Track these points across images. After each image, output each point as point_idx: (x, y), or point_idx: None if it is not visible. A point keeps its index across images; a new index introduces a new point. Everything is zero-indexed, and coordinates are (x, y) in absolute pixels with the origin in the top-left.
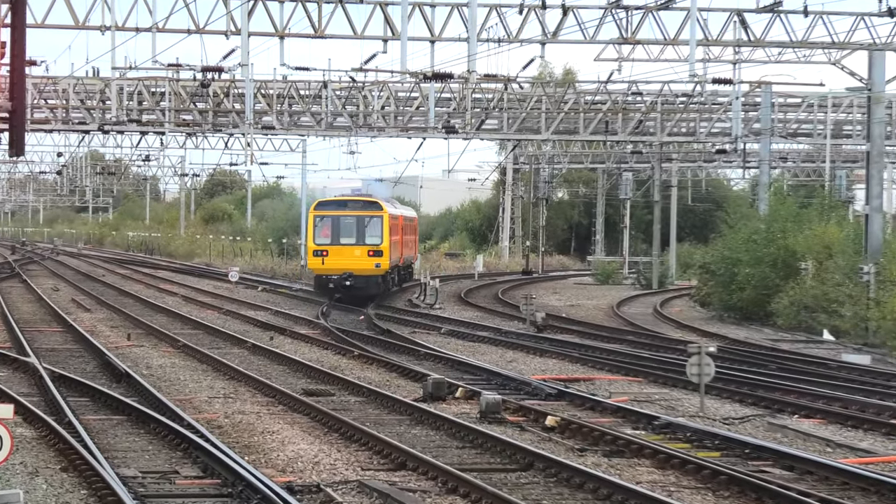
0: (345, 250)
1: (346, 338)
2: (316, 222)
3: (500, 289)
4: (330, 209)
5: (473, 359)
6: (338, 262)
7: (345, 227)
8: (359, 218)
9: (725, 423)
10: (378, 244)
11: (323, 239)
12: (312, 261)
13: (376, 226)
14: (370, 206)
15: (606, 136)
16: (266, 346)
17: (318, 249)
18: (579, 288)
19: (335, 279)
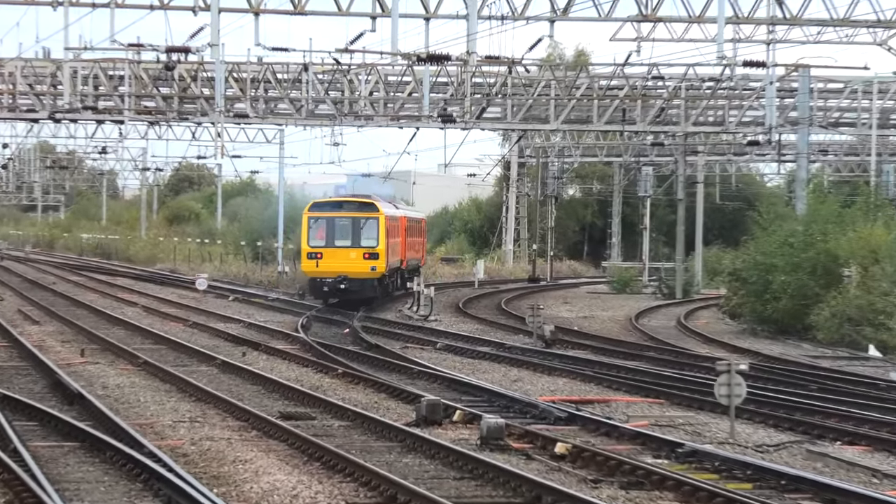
0: (339, 252)
1: (329, 354)
2: (310, 224)
3: (503, 298)
4: (324, 210)
5: (473, 378)
6: (332, 265)
7: (340, 229)
8: (354, 219)
9: (758, 451)
10: (374, 246)
11: (317, 241)
12: (306, 263)
13: (372, 227)
14: (366, 207)
15: (623, 125)
16: (238, 363)
17: (313, 251)
18: (593, 297)
19: (329, 282)
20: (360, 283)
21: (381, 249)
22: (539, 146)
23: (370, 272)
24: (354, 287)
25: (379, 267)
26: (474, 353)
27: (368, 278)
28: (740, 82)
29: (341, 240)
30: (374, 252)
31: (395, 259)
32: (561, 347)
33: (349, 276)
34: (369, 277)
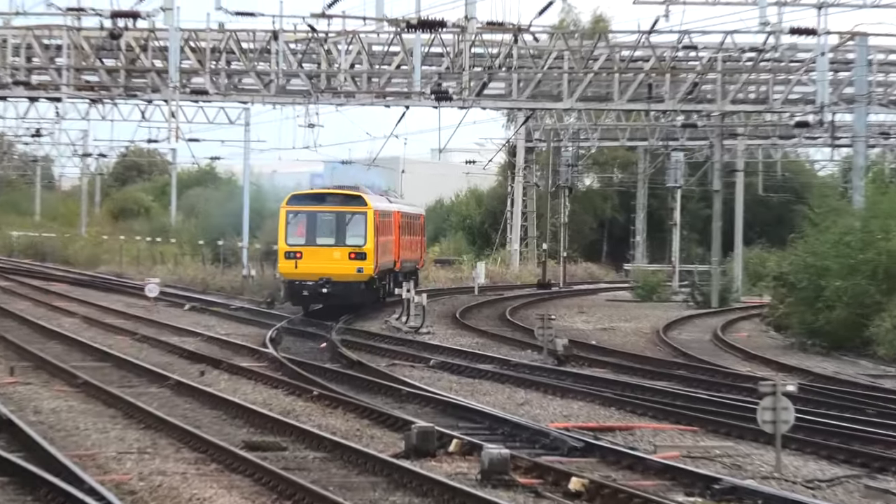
0: (321, 252)
1: (303, 372)
2: (288, 219)
3: (507, 307)
4: (305, 203)
5: (472, 400)
6: (313, 266)
7: (322, 225)
8: (338, 214)
9: (809, 487)
10: (361, 245)
11: (296, 239)
12: (284, 264)
13: (359, 223)
14: (352, 200)
15: (649, 104)
16: (195, 383)
17: (291, 251)
18: (613, 306)
19: (310, 286)
20: (344, 287)
21: (369, 248)
22: (550, 128)
23: (357, 274)
24: (339, 291)
25: (367, 269)
26: (474, 372)
27: (355, 281)
28: (787, 53)
29: (324, 237)
30: (361, 252)
31: (388, 260)
32: (576, 365)
33: (333, 278)
34: (356, 280)
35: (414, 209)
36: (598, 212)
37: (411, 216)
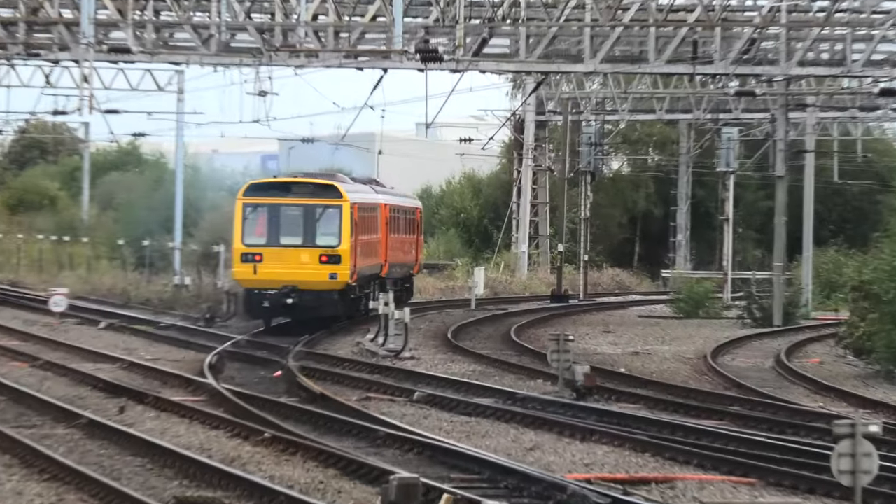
0: (286, 254)
1: (252, 409)
2: (245, 213)
3: (512, 324)
4: (266, 194)
5: (468, 444)
6: (276, 271)
7: (287, 221)
8: (307, 208)
9: None
10: (334, 246)
11: (255, 238)
12: (240, 268)
13: (332, 219)
14: (324, 190)
15: (694, 66)
16: (114, 423)
17: (249, 252)
18: (648, 324)
19: (272, 295)
20: (314, 296)
21: (344, 250)
22: (568, 97)
23: (329, 282)
24: (307, 302)
25: (342, 274)
26: (470, 408)
27: (327, 290)
28: (869, 2)
29: (289, 236)
30: (334, 254)
31: (371, 263)
32: (600, 399)
33: (299, 286)
34: (328, 289)
35: (407, 201)
36: (628, 204)
37: (403, 210)
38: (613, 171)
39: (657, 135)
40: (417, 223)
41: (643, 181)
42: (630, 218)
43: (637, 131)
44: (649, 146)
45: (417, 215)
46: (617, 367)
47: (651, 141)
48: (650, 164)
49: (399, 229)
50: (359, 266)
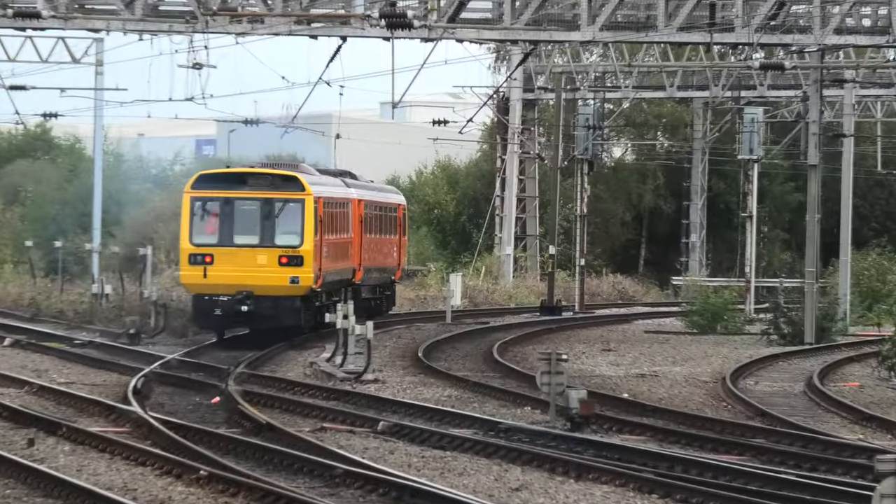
0: (241, 255)
1: (185, 441)
2: (194, 208)
3: (495, 341)
4: (217, 187)
5: (442, 484)
6: (229, 275)
7: (242, 218)
8: (265, 202)
9: None
10: (295, 246)
11: (205, 236)
12: (188, 272)
13: (293, 216)
14: (285, 182)
15: (711, 34)
16: (20, 458)
17: (198, 253)
18: (656, 341)
19: (224, 303)
20: (272, 304)
21: (307, 250)
22: (561, 71)
23: (290, 287)
24: (264, 310)
25: (304, 278)
26: (444, 441)
27: (287, 297)
28: None
29: (244, 235)
30: (295, 255)
31: (340, 267)
32: (599, 430)
33: (255, 292)
34: (288, 295)
35: (387, 197)
36: (633, 198)
37: (382, 207)
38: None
39: (667, 116)
40: (400, 221)
41: (650, 171)
42: (635, 215)
43: (643, 112)
44: (658, 129)
45: (400, 213)
46: (619, 392)
47: (660, 123)
48: (659, 150)
49: (376, 229)
50: (325, 270)
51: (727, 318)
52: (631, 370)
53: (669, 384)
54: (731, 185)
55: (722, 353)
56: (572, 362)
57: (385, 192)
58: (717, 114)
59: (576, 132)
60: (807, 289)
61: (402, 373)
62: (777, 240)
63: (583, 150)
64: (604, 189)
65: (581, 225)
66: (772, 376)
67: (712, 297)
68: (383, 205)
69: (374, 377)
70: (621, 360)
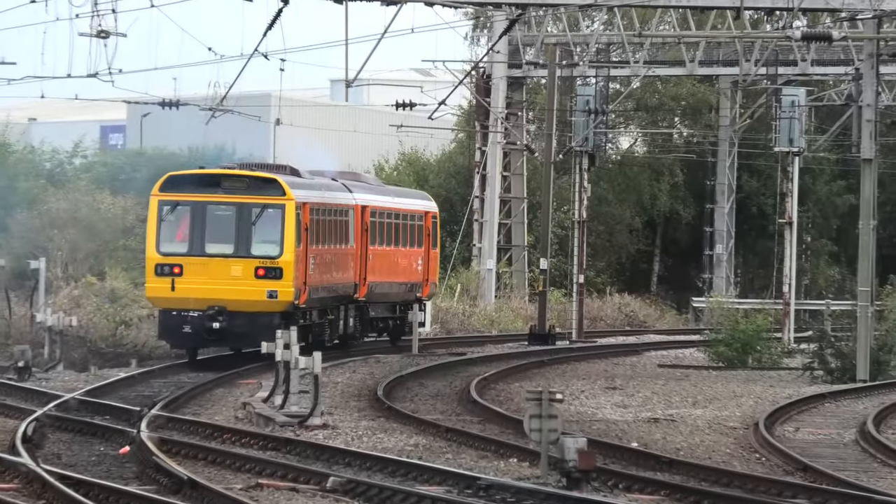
0: (213, 266)
1: (87, 501)
2: (162, 213)
3: (473, 376)
4: (189, 189)
5: None
6: (199, 288)
7: (215, 225)
8: (240, 207)
9: None
10: (274, 256)
11: (174, 245)
12: (154, 284)
13: (273, 222)
14: (263, 185)
15: None
16: None
17: (166, 263)
18: (673, 377)
19: (194, 318)
20: (248, 321)
21: (286, 261)
22: (556, 42)
23: (267, 302)
24: (239, 328)
25: (284, 293)
26: (409, 501)
27: (264, 313)
28: None
29: (217, 243)
30: (274, 266)
31: (334, 281)
32: (602, 487)
33: (229, 307)
34: (265, 311)
35: (408, 203)
36: (644, 200)
37: (401, 214)
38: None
39: (687, 98)
40: (427, 231)
41: (666, 167)
42: (646, 221)
43: (657, 93)
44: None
45: (428, 221)
46: (627, 441)
47: (678, 107)
48: (677, 141)
49: (391, 238)
50: (312, 284)
51: (761, 349)
52: (641, 413)
53: (689, 431)
54: (765, 184)
55: (754, 392)
56: (569, 403)
57: (406, 196)
58: (748, 96)
59: (573, 118)
60: (859, 313)
61: (358, 416)
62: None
63: (582, 141)
64: (608, 189)
65: (580, 233)
66: (816, 421)
67: (742, 323)
68: (402, 212)
69: (322, 421)
70: (629, 401)
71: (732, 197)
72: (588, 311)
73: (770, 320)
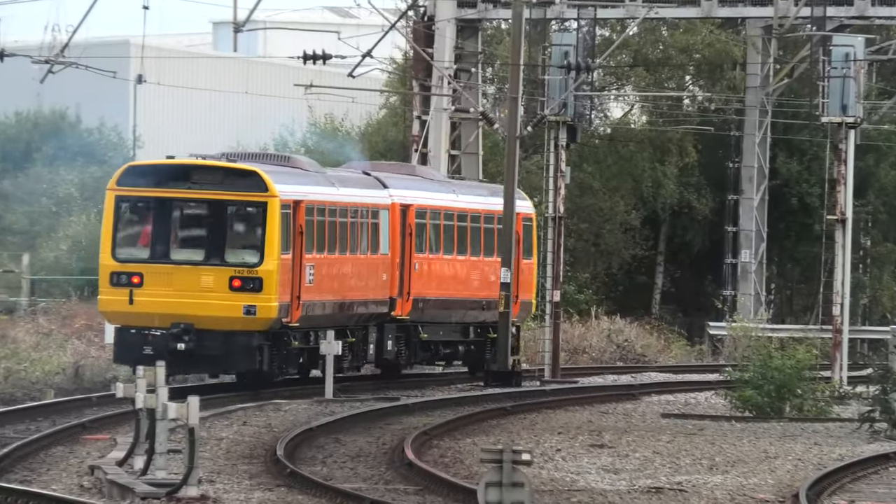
0: (179, 275)
1: None
2: (120, 211)
3: (409, 428)
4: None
5: None
6: (163, 301)
7: (182, 226)
8: (212, 205)
9: None
10: (253, 264)
11: (133, 250)
12: (109, 296)
13: (251, 224)
14: (240, 179)
15: None
16: None
17: (123, 272)
18: (683, 430)
19: (157, 338)
20: (220, 340)
21: (268, 270)
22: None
23: (244, 319)
24: (208, 349)
25: (264, 308)
26: None
27: (240, 332)
28: None
29: (184, 248)
30: (251, 276)
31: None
32: None
33: (197, 325)
34: (241, 330)
35: (489, 202)
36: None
37: (467, 217)
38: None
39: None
40: (518, 236)
41: (674, 143)
42: (647, 216)
43: (663, 43)
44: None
45: (518, 224)
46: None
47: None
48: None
49: (452, 245)
50: (312, 298)
51: (802, 394)
52: (639, 481)
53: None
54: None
55: (794, 451)
56: (539, 466)
57: (484, 193)
58: (786, 46)
59: (547, 77)
60: None
61: (250, 484)
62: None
63: (559, 108)
64: (594, 173)
65: (556, 233)
66: (878, 493)
67: (777, 358)
68: (473, 213)
69: (200, 492)
70: (623, 464)
71: (764, 185)
72: (566, 341)
73: (815, 354)
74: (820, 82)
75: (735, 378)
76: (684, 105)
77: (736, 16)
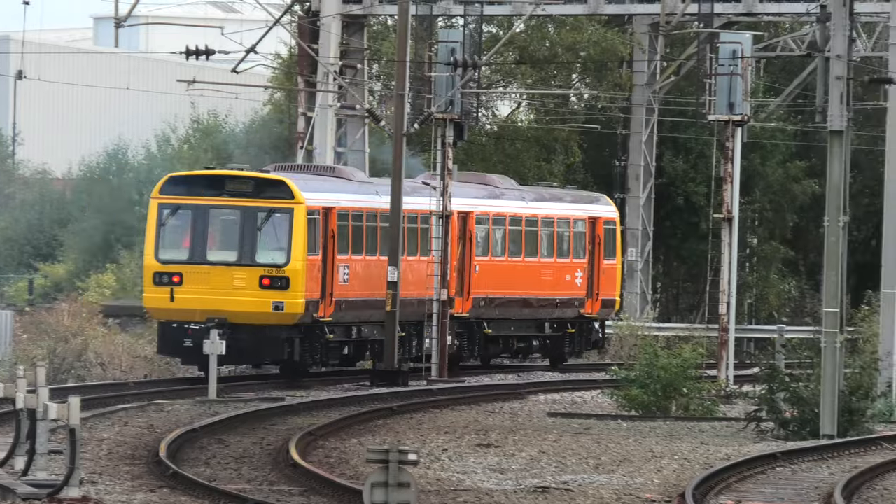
0: (215, 274)
1: None
2: (162, 217)
3: (294, 429)
4: (191, 192)
5: None
6: (200, 298)
7: (217, 230)
8: (245, 211)
9: None
10: (281, 264)
11: (174, 252)
12: (152, 293)
13: (279, 228)
14: (269, 188)
15: None
16: None
17: (164, 272)
18: (569, 429)
19: (196, 331)
20: (251, 334)
21: (295, 270)
22: None
23: (274, 314)
24: (241, 343)
25: (291, 304)
26: None
27: (271, 326)
28: None
29: (219, 250)
30: (279, 275)
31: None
32: None
33: (231, 319)
34: (272, 324)
35: (561, 208)
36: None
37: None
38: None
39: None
40: (599, 239)
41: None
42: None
43: (549, 40)
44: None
45: (598, 228)
46: None
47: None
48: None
49: (519, 249)
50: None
51: (688, 393)
52: (525, 480)
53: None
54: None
55: (680, 451)
56: (426, 466)
57: (558, 200)
58: (673, 44)
59: (434, 74)
60: (825, 343)
61: (132, 486)
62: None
63: (446, 105)
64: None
65: (442, 231)
66: (765, 492)
67: (664, 357)
68: (544, 218)
69: (81, 493)
70: (509, 464)
71: (651, 183)
72: None
73: (702, 353)
74: (707, 80)
75: (621, 377)
76: (571, 103)
77: (623, 13)
